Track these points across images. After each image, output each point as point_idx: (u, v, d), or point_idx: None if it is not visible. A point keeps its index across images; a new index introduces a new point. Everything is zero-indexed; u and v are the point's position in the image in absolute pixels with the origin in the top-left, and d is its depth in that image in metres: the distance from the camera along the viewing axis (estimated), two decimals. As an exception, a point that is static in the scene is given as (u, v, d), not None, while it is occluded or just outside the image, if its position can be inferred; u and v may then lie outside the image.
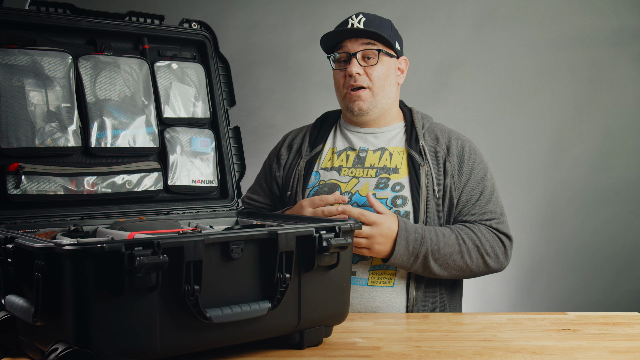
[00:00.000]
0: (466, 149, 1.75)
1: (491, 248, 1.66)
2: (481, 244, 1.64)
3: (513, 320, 1.46)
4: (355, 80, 1.70)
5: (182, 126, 1.60)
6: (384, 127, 1.80)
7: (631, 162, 3.15)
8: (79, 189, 1.41)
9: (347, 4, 3.12)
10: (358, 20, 1.70)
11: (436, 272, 1.62)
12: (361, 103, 1.72)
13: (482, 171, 1.74)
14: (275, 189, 1.85)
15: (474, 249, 1.64)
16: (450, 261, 1.62)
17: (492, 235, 1.67)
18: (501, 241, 1.68)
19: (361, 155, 1.77)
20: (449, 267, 1.63)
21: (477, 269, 1.66)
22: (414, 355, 1.20)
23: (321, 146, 1.81)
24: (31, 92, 1.38)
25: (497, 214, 1.71)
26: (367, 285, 1.67)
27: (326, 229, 1.21)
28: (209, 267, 1.08)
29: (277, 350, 1.23)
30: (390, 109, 1.79)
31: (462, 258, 1.63)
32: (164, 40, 1.61)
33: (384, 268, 1.67)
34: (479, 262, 1.65)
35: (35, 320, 1.01)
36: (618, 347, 1.25)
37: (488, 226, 1.68)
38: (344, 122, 1.85)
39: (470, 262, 1.64)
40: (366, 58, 1.71)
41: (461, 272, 1.65)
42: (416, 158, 1.71)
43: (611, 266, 3.17)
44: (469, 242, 1.63)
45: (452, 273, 1.64)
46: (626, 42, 3.12)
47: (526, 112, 3.18)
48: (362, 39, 1.70)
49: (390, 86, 1.75)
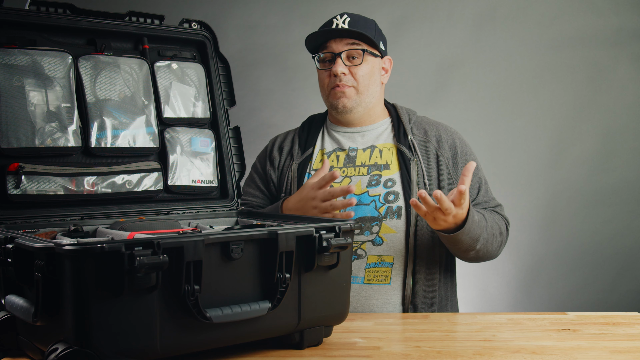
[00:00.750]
0: (457, 140, 1.79)
1: (504, 233, 1.74)
2: (501, 229, 1.72)
3: (513, 320, 1.46)
4: (340, 80, 1.71)
5: (182, 126, 1.60)
6: (370, 125, 1.81)
7: (631, 162, 3.15)
8: (79, 189, 1.41)
9: (347, 4, 3.12)
10: (343, 21, 1.71)
11: (469, 252, 1.64)
12: (345, 100, 1.73)
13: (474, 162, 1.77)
14: (274, 189, 1.85)
15: (498, 233, 1.70)
16: (489, 245, 1.66)
17: (502, 221, 1.75)
18: (507, 228, 1.77)
19: (351, 154, 1.78)
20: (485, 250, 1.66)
21: (493, 253, 1.71)
22: (414, 355, 1.20)
23: (311, 149, 1.82)
24: (31, 92, 1.38)
25: (498, 202, 1.80)
26: (363, 283, 1.68)
27: (326, 229, 1.21)
28: (209, 267, 1.08)
29: (277, 350, 1.23)
30: (375, 107, 1.80)
31: (493, 241, 1.67)
32: (164, 40, 1.61)
33: (379, 266, 1.67)
34: (498, 246, 1.71)
35: (35, 320, 1.01)
36: (618, 347, 1.25)
37: (498, 213, 1.76)
38: (330, 124, 1.86)
39: (495, 245, 1.69)
40: (351, 58, 1.72)
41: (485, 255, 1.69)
42: (406, 153, 1.73)
43: (611, 266, 3.17)
44: (495, 226, 1.69)
45: (479, 256, 1.67)
46: (626, 42, 3.12)
47: (526, 112, 3.18)
48: (346, 39, 1.71)
49: (375, 85, 1.77)
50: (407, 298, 1.66)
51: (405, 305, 1.67)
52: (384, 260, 1.68)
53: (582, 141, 3.17)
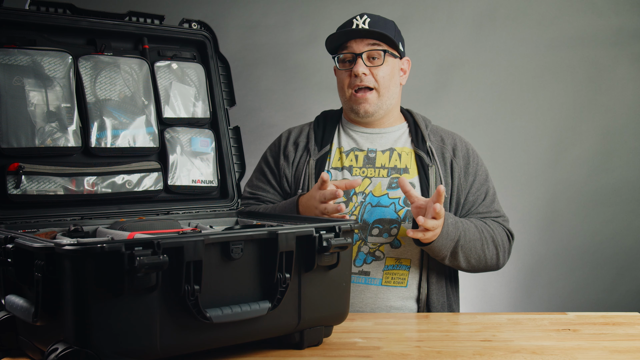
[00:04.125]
0: (470, 151, 1.80)
1: (502, 241, 1.70)
2: (495, 236, 1.69)
3: (513, 320, 1.46)
4: (361, 81, 1.70)
5: (182, 126, 1.60)
6: (388, 128, 1.80)
7: (631, 162, 3.14)
8: (79, 189, 1.41)
9: (347, 4, 3.12)
10: (363, 21, 1.70)
11: (460, 261, 1.64)
12: (367, 105, 1.73)
13: (484, 173, 1.80)
14: (286, 185, 1.81)
15: (490, 240, 1.67)
16: (473, 249, 1.64)
17: (502, 229, 1.72)
18: (508, 237, 1.73)
19: (370, 155, 1.77)
20: (470, 256, 1.65)
21: (490, 261, 1.69)
22: (414, 355, 1.20)
23: (329, 146, 1.80)
24: (31, 92, 1.38)
25: (501, 213, 1.77)
26: (381, 285, 1.68)
27: (326, 229, 1.21)
28: (209, 267, 1.08)
29: (277, 350, 1.23)
30: (394, 109, 1.80)
31: (482, 247, 1.66)
32: (164, 40, 1.61)
33: (397, 268, 1.68)
34: (492, 254, 1.68)
35: (35, 320, 1.01)
36: (618, 347, 1.25)
37: (497, 222, 1.73)
38: (346, 122, 1.85)
39: (488, 252, 1.67)
40: (371, 58, 1.71)
41: (477, 263, 1.67)
42: (425, 158, 1.73)
43: (611, 266, 3.17)
44: (486, 232, 1.67)
45: (471, 263, 1.67)
46: (626, 42, 3.12)
47: (526, 112, 3.18)
48: (367, 39, 1.70)
49: (395, 86, 1.76)
50: (422, 302, 1.67)
51: (420, 309, 1.68)
52: (401, 263, 1.69)
53: (582, 141, 3.17)
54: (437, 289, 1.69)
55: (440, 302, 1.69)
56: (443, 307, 1.70)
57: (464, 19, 3.20)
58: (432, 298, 1.68)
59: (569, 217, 3.18)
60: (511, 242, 1.74)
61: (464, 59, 3.20)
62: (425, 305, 1.67)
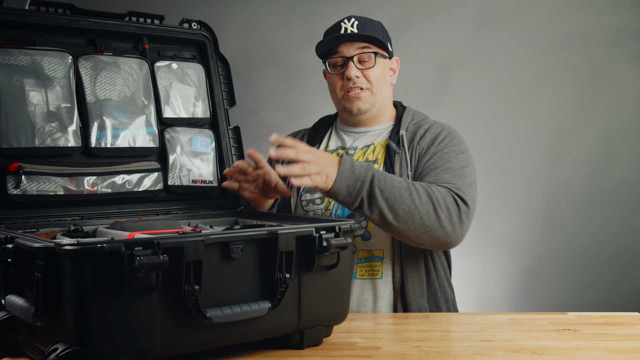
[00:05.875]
0: (442, 134, 1.70)
1: (443, 200, 1.52)
2: (431, 191, 1.52)
3: (513, 320, 1.46)
4: (354, 83, 1.72)
5: (182, 126, 1.60)
6: (376, 126, 1.81)
7: (631, 162, 3.14)
8: (79, 189, 1.41)
9: (347, 4, 3.12)
10: (351, 24, 1.71)
11: (384, 211, 1.48)
12: (360, 103, 1.74)
13: (455, 151, 1.66)
14: None
15: (424, 193, 1.51)
16: (398, 196, 1.48)
17: (446, 191, 1.55)
18: (455, 201, 1.54)
19: (350, 152, 1.78)
20: (396, 205, 1.48)
21: (427, 218, 1.50)
22: (414, 355, 1.20)
23: (317, 146, 1.83)
24: (31, 92, 1.38)
25: (457, 185, 1.59)
26: (356, 278, 1.68)
27: (326, 229, 1.21)
28: (209, 267, 1.08)
29: (277, 350, 1.23)
30: (385, 108, 1.81)
31: (411, 196, 1.49)
32: (164, 40, 1.61)
33: (370, 260, 1.67)
34: (428, 208, 1.50)
35: (35, 320, 1.01)
36: (618, 347, 1.25)
37: (443, 186, 1.57)
38: (339, 124, 1.87)
39: (420, 204, 1.49)
40: (362, 61, 1.72)
41: (411, 218, 1.49)
42: (393, 147, 1.72)
43: (611, 266, 3.17)
44: (419, 186, 1.53)
45: (401, 217, 1.49)
46: (626, 42, 3.12)
47: (526, 112, 3.18)
48: (357, 42, 1.71)
49: (386, 86, 1.78)
50: (396, 291, 1.66)
51: (394, 299, 1.66)
52: (373, 254, 1.69)
53: (582, 141, 3.17)
54: (413, 277, 1.65)
55: (417, 292, 1.65)
56: (421, 295, 1.64)
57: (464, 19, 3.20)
58: (408, 287, 1.64)
59: (569, 217, 3.18)
60: (461, 207, 1.53)
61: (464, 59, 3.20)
62: (400, 295, 1.65)
